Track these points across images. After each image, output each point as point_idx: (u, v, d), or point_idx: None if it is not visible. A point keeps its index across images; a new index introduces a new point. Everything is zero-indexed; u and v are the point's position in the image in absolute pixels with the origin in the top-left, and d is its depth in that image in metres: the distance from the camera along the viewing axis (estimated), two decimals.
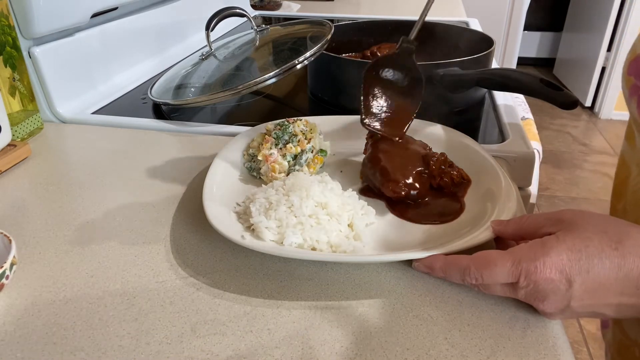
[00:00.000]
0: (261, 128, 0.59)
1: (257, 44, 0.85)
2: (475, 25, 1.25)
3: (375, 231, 0.46)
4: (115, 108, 0.77)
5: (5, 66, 0.63)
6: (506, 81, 0.63)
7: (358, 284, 0.41)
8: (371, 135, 0.55)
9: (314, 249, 0.42)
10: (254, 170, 0.55)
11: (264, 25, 0.93)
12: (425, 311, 0.38)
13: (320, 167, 0.56)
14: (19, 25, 0.66)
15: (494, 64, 0.84)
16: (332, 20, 0.83)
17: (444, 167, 0.50)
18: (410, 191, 0.48)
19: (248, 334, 0.36)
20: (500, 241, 0.42)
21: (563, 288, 0.34)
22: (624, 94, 0.50)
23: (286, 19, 1.47)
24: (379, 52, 0.81)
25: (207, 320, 0.37)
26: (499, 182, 0.49)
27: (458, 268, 0.37)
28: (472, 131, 0.65)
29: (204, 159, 0.60)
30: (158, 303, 0.39)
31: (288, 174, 0.53)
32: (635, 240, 0.33)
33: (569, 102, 0.54)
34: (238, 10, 0.82)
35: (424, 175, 0.50)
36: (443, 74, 0.68)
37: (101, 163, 0.61)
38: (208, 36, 0.83)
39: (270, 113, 0.79)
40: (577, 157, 2.61)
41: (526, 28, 3.29)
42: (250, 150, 0.56)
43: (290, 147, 0.54)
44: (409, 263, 0.42)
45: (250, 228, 0.44)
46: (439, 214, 0.48)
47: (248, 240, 0.42)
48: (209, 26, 0.82)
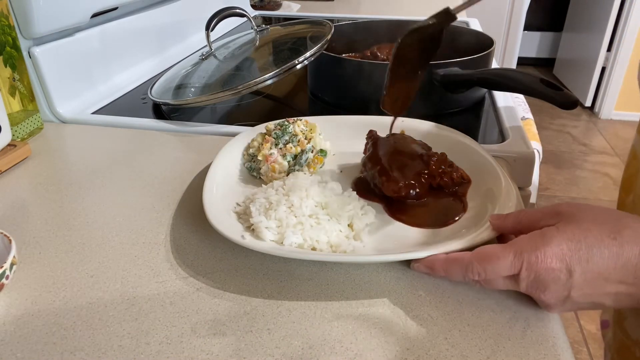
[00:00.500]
0: (261, 128, 0.59)
1: (257, 44, 0.85)
2: (475, 25, 1.25)
3: (375, 231, 0.46)
4: (115, 108, 0.77)
5: (5, 66, 0.63)
6: (506, 81, 0.63)
7: (358, 284, 0.41)
8: (371, 135, 0.55)
9: (313, 249, 0.42)
10: (254, 170, 0.55)
11: (264, 25, 0.93)
12: (425, 311, 0.38)
13: (320, 167, 0.56)
14: (19, 25, 0.66)
15: (494, 64, 0.84)
16: (332, 20, 0.83)
17: (444, 167, 0.50)
18: (410, 191, 0.48)
19: (248, 334, 0.36)
20: (499, 236, 0.42)
21: (564, 278, 0.34)
22: None
23: (286, 19, 1.47)
24: (379, 52, 0.81)
25: (207, 320, 0.37)
26: (499, 182, 0.49)
27: (460, 265, 0.37)
28: (472, 131, 0.65)
29: (204, 159, 0.60)
30: (158, 303, 0.39)
31: (288, 174, 0.53)
32: (633, 230, 0.34)
33: (569, 102, 0.54)
34: (238, 10, 0.82)
35: (424, 175, 0.50)
36: (443, 74, 0.68)
37: (101, 163, 0.61)
38: (208, 36, 0.83)
39: (270, 113, 0.79)
40: (577, 157, 2.61)
41: (526, 28, 3.29)
42: (250, 150, 0.56)
43: (290, 147, 0.54)
44: (409, 263, 0.41)
45: (250, 228, 0.44)
46: (443, 215, 0.48)
47: (248, 240, 0.42)
48: (209, 26, 0.82)
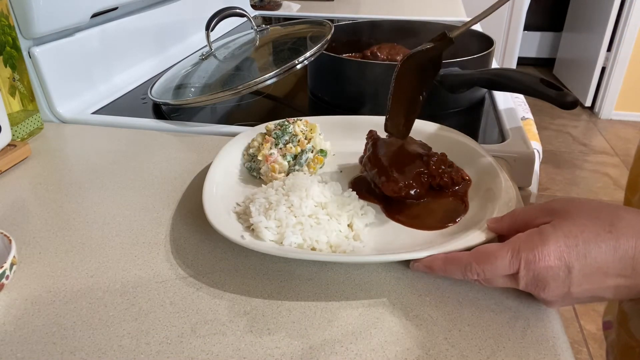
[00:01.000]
0: (261, 128, 0.59)
1: (257, 44, 0.85)
2: (475, 25, 1.25)
3: (374, 231, 0.46)
4: (115, 108, 0.77)
5: (5, 66, 0.63)
6: (506, 81, 0.63)
7: (358, 284, 0.41)
8: (371, 135, 0.55)
9: (313, 249, 0.42)
10: (254, 170, 0.55)
11: (264, 25, 0.93)
12: (425, 311, 0.38)
13: (320, 167, 0.56)
14: (19, 25, 0.66)
15: (494, 64, 0.84)
16: (332, 20, 0.83)
17: (443, 167, 0.50)
18: (410, 191, 0.48)
19: (248, 334, 0.36)
20: (499, 236, 0.42)
21: (562, 275, 0.34)
22: None
23: (286, 19, 1.47)
24: (378, 52, 0.81)
25: (207, 320, 0.37)
26: (499, 182, 0.49)
27: (459, 265, 0.38)
28: (472, 131, 0.65)
29: (204, 159, 0.60)
30: (158, 303, 0.39)
31: (288, 174, 0.53)
32: (627, 222, 0.34)
33: (569, 102, 0.54)
34: (238, 10, 0.82)
35: (424, 176, 0.50)
36: (443, 74, 0.68)
37: (101, 163, 0.61)
38: (208, 36, 0.83)
39: (270, 113, 0.79)
40: (577, 157, 2.61)
41: (526, 28, 3.29)
42: (250, 150, 0.56)
43: (290, 147, 0.54)
44: (409, 263, 0.41)
45: (250, 228, 0.44)
46: (445, 216, 0.48)
47: (248, 240, 0.42)
48: (209, 26, 0.82)
